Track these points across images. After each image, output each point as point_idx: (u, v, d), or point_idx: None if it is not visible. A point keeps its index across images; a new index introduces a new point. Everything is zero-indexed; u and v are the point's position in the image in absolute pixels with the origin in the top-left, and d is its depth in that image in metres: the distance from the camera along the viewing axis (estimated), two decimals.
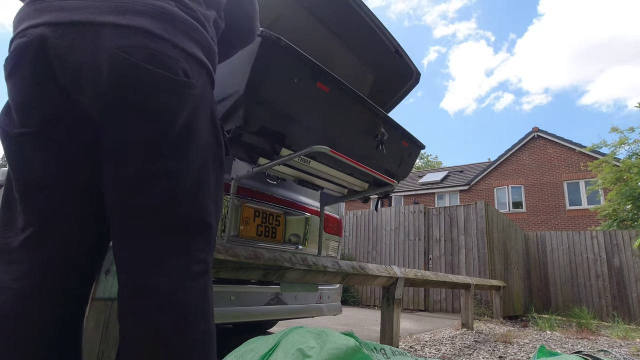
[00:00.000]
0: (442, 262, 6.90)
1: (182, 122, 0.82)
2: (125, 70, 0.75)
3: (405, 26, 66.56)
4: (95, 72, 0.75)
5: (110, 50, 0.74)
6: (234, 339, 1.21)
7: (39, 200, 0.82)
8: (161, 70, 0.78)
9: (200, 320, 0.80)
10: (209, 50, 0.92)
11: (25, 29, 0.77)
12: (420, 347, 3.14)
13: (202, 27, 0.90)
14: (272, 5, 2.01)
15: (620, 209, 10.29)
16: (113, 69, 0.75)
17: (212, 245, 0.89)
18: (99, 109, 0.79)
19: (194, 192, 0.85)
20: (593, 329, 5.12)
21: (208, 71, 0.91)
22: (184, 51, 0.83)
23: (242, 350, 0.99)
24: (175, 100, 0.81)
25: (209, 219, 0.88)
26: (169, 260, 0.80)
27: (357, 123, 1.70)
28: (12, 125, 0.81)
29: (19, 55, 0.77)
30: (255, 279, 1.70)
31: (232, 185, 1.79)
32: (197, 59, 0.86)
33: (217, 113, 0.96)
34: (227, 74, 1.44)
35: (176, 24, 0.83)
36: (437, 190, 17.97)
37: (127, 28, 0.76)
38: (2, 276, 0.79)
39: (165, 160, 0.81)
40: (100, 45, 0.74)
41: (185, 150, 0.84)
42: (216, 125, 0.94)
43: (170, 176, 0.81)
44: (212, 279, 1.43)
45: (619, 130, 10.82)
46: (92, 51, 0.74)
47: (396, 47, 2.28)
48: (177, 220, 0.82)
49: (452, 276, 4.14)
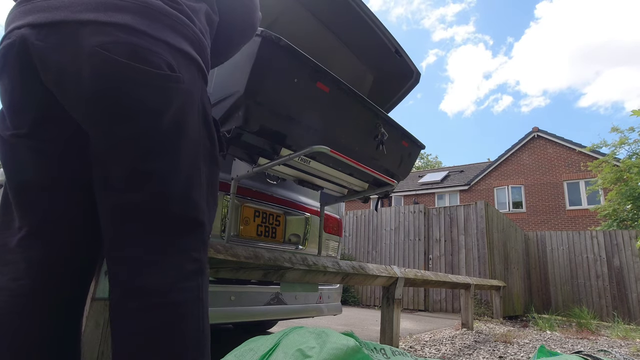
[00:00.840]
0: (442, 262, 6.90)
1: (169, 119, 0.80)
2: (105, 67, 0.73)
3: (404, 30, 66.76)
4: (76, 72, 0.73)
5: (89, 48, 0.72)
6: (234, 339, 1.21)
7: (32, 202, 0.82)
8: (143, 65, 0.75)
9: (194, 320, 0.78)
10: (199, 44, 0.88)
11: (11, 31, 0.77)
12: (420, 347, 3.14)
13: (190, 20, 0.87)
14: (272, 5, 2.01)
15: (620, 209, 10.28)
16: (93, 68, 0.72)
17: (205, 244, 0.87)
18: (83, 110, 0.77)
19: (185, 190, 0.83)
20: (593, 329, 5.11)
21: (198, 66, 0.87)
22: (169, 45, 0.80)
23: (241, 350, 0.98)
24: (160, 96, 0.78)
25: (202, 217, 0.86)
26: (161, 259, 0.78)
27: (357, 123, 1.70)
28: (5, 128, 0.81)
29: (4, 57, 0.77)
30: (255, 279, 1.70)
31: (232, 185, 1.79)
32: (184, 53, 0.83)
33: (209, 108, 0.93)
34: (227, 74, 1.44)
35: (160, 17, 0.80)
36: (437, 190, 17.96)
37: (108, 25, 0.74)
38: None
39: (152, 159, 0.79)
40: (80, 44, 0.72)
41: (174, 148, 0.81)
42: (208, 121, 0.91)
43: (159, 175, 0.79)
44: (211, 278, 1.43)
45: (619, 130, 10.81)
46: (73, 50, 0.73)
47: (396, 47, 2.28)
48: (168, 219, 0.80)
49: (452, 276, 4.13)
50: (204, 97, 0.90)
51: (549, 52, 71.10)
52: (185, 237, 0.82)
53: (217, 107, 1.49)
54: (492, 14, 73.31)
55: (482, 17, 71.93)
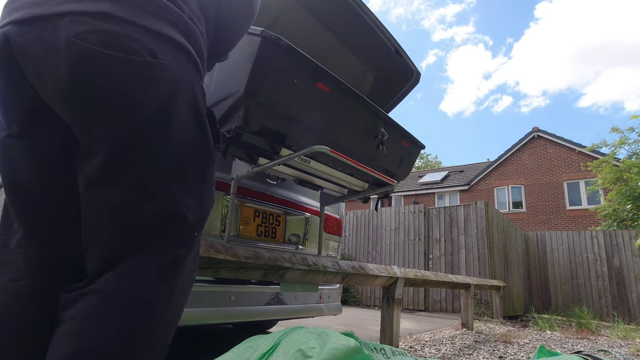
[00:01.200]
0: (442, 262, 6.90)
1: (151, 108, 0.76)
2: (81, 58, 0.70)
3: (403, 30, 66.76)
4: (54, 64, 0.71)
5: (65, 39, 0.70)
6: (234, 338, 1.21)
7: (28, 202, 0.81)
8: (120, 52, 0.71)
9: (158, 320, 0.75)
10: (188, 30, 0.84)
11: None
12: (420, 347, 3.14)
13: (176, 6, 0.83)
14: (272, 5, 2.01)
15: (620, 209, 10.29)
16: (68, 59, 0.70)
17: (186, 241, 0.83)
18: (63, 103, 0.75)
19: (165, 184, 0.79)
20: (593, 329, 5.11)
21: (188, 53, 0.82)
22: (150, 31, 0.76)
23: (241, 348, 0.98)
24: (140, 85, 0.74)
25: (184, 212, 0.81)
26: (131, 257, 0.75)
27: (357, 123, 1.70)
28: (0, 129, 0.81)
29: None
30: (255, 279, 1.70)
31: (232, 185, 1.79)
32: (169, 39, 0.78)
33: (201, 97, 0.87)
34: (227, 74, 1.44)
35: (141, 3, 0.77)
36: (437, 190, 17.96)
37: (84, 14, 0.72)
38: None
39: (131, 152, 0.75)
40: (57, 37, 0.71)
41: (155, 139, 0.77)
42: (199, 111, 0.86)
43: (136, 168, 0.76)
44: (211, 278, 1.41)
45: (619, 130, 10.82)
46: (50, 43, 0.71)
47: (396, 47, 2.28)
48: (144, 215, 0.76)
49: (452, 276, 4.14)
50: (195, 86, 0.84)
51: (549, 52, 71.23)
52: (161, 233, 0.78)
53: (217, 107, 1.49)
54: (491, 14, 73.40)
55: (482, 17, 72.03)
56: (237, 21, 1.05)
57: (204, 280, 1.71)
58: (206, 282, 1.72)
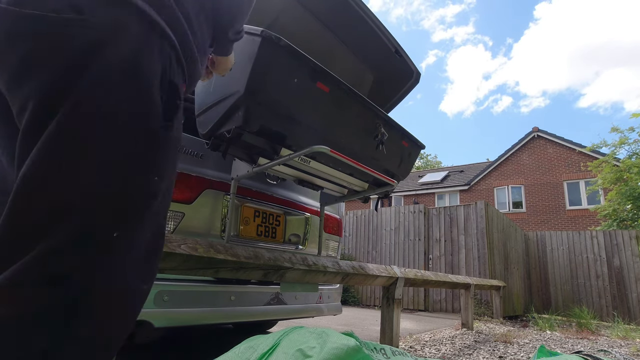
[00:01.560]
0: (442, 262, 6.90)
1: (66, 74, 0.64)
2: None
3: (403, 30, 66.87)
4: None
5: None
6: (234, 338, 1.21)
7: None
8: (32, 10, 0.63)
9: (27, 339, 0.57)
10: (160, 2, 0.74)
11: None
12: (420, 347, 3.14)
13: None
14: (272, 5, 2.01)
15: (620, 209, 10.30)
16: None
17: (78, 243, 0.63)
18: None
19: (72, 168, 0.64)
20: (593, 329, 5.12)
21: (139, 12, 0.70)
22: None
23: (241, 348, 0.99)
24: (55, 45, 0.64)
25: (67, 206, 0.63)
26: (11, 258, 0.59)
27: (357, 123, 1.70)
28: None
29: None
30: (255, 279, 1.70)
31: (232, 185, 1.79)
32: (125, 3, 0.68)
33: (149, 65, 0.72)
34: (227, 74, 1.44)
35: None
36: (437, 190, 17.97)
37: None
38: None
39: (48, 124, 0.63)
40: None
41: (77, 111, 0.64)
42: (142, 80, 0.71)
43: (46, 148, 0.62)
44: (211, 278, 1.37)
45: (619, 130, 10.84)
46: None
47: (396, 47, 2.28)
48: (35, 207, 0.62)
49: (452, 276, 4.14)
50: (141, 52, 0.70)
51: (548, 52, 71.32)
52: (51, 232, 0.61)
53: (217, 107, 1.49)
54: (491, 15, 73.50)
55: (482, 18, 72.14)
56: None
57: (204, 280, 1.71)
58: (206, 282, 1.72)
